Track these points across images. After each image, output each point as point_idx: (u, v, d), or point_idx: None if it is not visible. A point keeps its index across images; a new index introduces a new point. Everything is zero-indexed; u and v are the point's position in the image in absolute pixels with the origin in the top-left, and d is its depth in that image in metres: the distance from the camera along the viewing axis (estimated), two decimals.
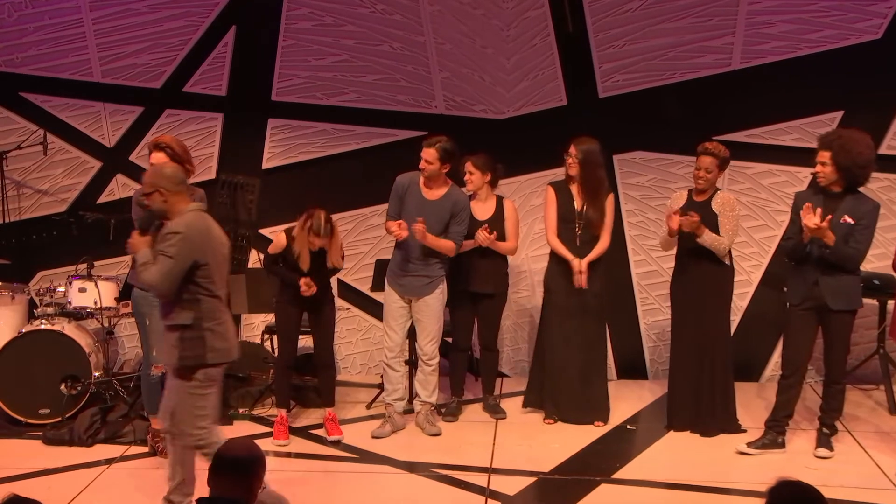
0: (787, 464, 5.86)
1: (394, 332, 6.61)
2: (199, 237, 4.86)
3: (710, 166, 6.29)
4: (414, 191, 6.50)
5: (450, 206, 6.45)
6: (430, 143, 6.42)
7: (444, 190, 6.49)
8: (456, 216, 6.46)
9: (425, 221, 6.34)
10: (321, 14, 7.73)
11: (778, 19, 7.39)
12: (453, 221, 6.46)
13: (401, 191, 6.53)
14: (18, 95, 7.94)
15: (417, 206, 6.45)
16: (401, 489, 5.78)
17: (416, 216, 6.38)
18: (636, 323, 7.79)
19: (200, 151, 7.94)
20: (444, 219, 6.44)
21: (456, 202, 6.47)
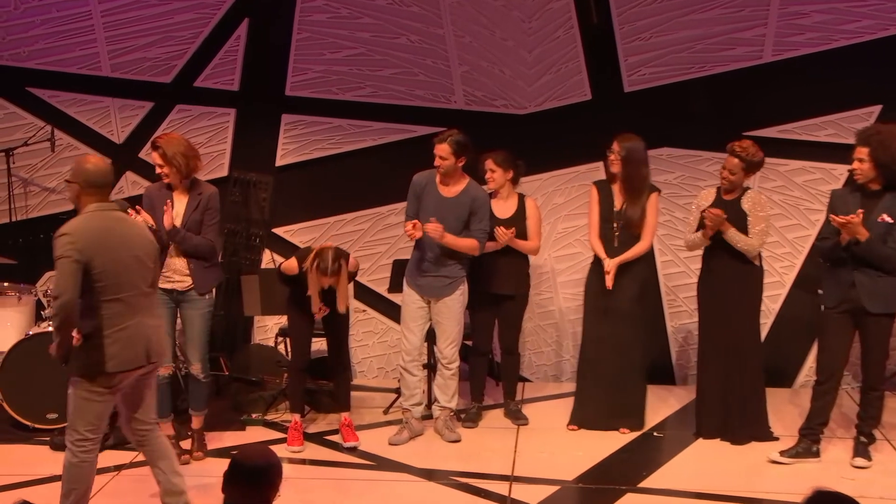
0: (822, 474, 5.81)
1: (412, 335, 6.60)
2: (88, 238, 4.72)
3: (735, 168, 6.25)
4: (431, 189, 6.49)
5: (468, 203, 6.43)
6: (441, 138, 6.42)
7: (462, 186, 6.48)
8: (476, 213, 6.44)
9: (444, 220, 6.33)
10: (337, 6, 7.74)
11: (812, 9, 7.35)
12: (474, 219, 6.44)
13: (418, 190, 6.52)
14: (25, 90, 7.97)
15: (435, 205, 6.44)
16: (419, 498, 5.78)
17: (434, 215, 6.36)
18: (663, 326, 7.76)
19: (212, 148, 7.97)
20: (464, 216, 6.43)
21: (475, 198, 6.45)
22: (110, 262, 4.75)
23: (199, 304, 6.24)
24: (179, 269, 6.16)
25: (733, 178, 6.28)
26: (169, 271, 6.15)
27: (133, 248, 4.88)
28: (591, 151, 7.27)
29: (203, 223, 6.20)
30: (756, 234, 6.26)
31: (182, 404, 6.62)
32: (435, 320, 6.58)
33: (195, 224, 6.17)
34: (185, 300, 6.22)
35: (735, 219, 6.26)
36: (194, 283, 6.18)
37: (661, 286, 7.72)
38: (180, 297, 6.21)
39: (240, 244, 7.95)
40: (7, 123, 7.99)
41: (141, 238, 4.98)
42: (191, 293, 6.20)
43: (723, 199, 6.36)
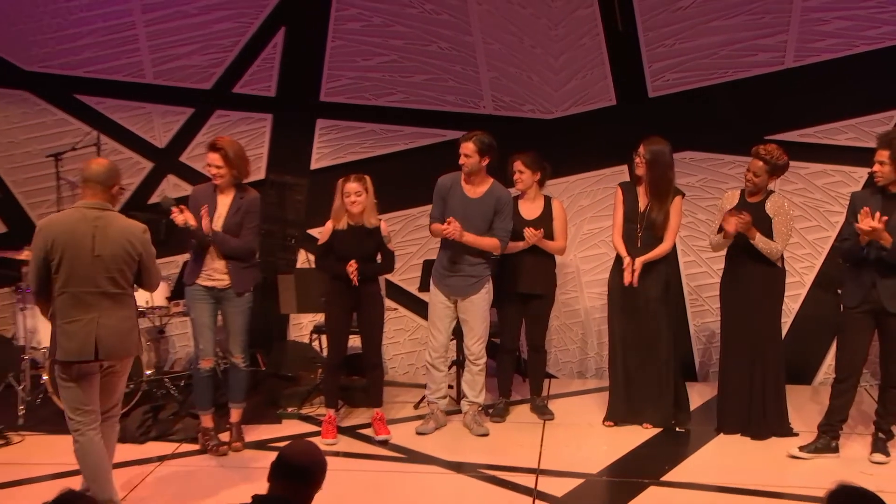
0: (841, 469, 5.77)
1: (439, 333, 6.63)
2: (51, 231, 4.89)
3: (759, 171, 6.22)
4: (456, 190, 6.51)
5: (493, 203, 6.44)
6: (466, 137, 6.45)
7: (486, 187, 6.49)
8: (500, 212, 6.45)
9: (470, 220, 6.36)
10: (370, 14, 7.77)
11: (833, 16, 7.30)
12: (497, 218, 6.45)
13: (443, 192, 6.54)
14: (73, 97, 8.04)
15: (461, 206, 6.46)
16: (448, 489, 5.79)
17: (459, 216, 6.38)
18: (686, 325, 7.73)
19: (250, 152, 7.85)
20: (489, 216, 6.44)
21: (499, 198, 6.46)
22: (67, 258, 4.88)
23: (238, 301, 6.29)
24: (219, 268, 6.21)
25: (757, 181, 6.25)
26: (210, 270, 6.20)
27: (99, 247, 4.92)
28: (616, 155, 7.28)
29: (242, 226, 6.24)
30: (780, 238, 6.24)
31: (221, 398, 6.67)
32: (462, 318, 6.59)
33: (234, 226, 6.20)
34: (226, 298, 6.26)
35: (759, 221, 6.22)
36: (232, 282, 6.23)
37: (683, 286, 7.70)
38: (221, 295, 6.25)
39: (276, 245, 8.00)
40: (56, 129, 8.06)
41: (114, 241, 4.96)
42: (229, 291, 6.25)
43: (747, 202, 6.34)
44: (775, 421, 6.41)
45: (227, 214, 6.20)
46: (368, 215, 6.40)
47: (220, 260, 6.20)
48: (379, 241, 6.43)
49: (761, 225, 6.23)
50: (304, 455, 3.57)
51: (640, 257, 6.46)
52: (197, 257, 6.22)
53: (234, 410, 6.47)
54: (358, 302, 6.46)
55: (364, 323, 6.57)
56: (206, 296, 6.22)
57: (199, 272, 6.22)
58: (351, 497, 5.62)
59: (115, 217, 5.08)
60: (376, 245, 6.42)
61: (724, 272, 6.54)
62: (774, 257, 6.26)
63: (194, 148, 7.88)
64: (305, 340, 7.84)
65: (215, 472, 6.02)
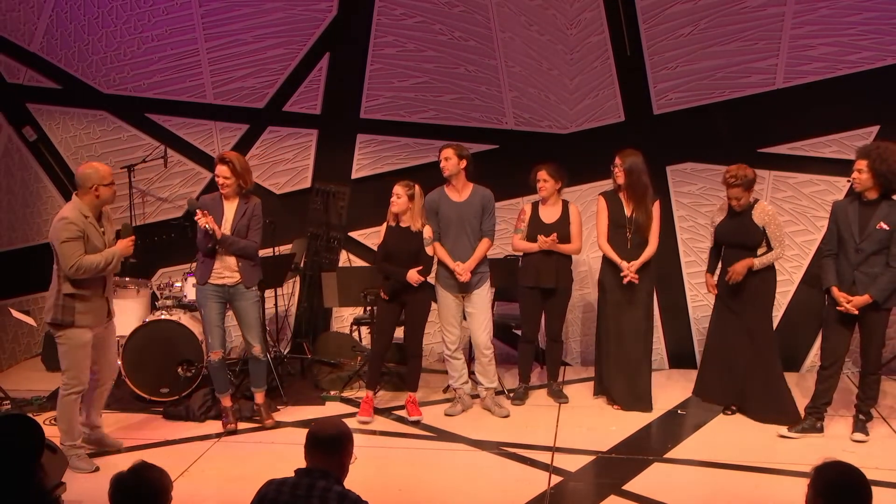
0: (826, 447, 5.79)
1: (452, 328, 6.65)
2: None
3: (738, 194, 6.17)
4: (445, 200, 6.56)
5: (479, 201, 6.50)
6: (446, 145, 6.55)
7: (470, 189, 6.54)
8: (486, 210, 6.52)
9: (465, 220, 6.46)
10: (404, 41, 7.81)
11: (819, 42, 7.27)
12: (484, 216, 6.51)
13: (434, 206, 6.56)
14: (144, 116, 8.12)
15: (454, 211, 6.51)
16: (473, 464, 5.83)
17: (454, 220, 6.47)
18: (686, 317, 7.73)
19: (298, 163, 8.08)
20: (479, 213, 6.50)
21: (485, 197, 6.54)
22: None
23: (249, 295, 6.33)
24: (230, 266, 6.24)
25: (741, 201, 6.20)
26: (220, 269, 6.23)
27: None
28: None
29: (249, 227, 6.29)
30: (777, 244, 6.20)
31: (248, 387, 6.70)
32: (468, 311, 6.61)
33: (242, 228, 6.25)
34: (237, 293, 6.29)
35: (749, 231, 6.21)
36: (243, 278, 6.27)
37: (684, 282, 7.71)
38: (231, 292, 6.27)
39: (320, 246, 8.05)
40: (129, 144, 8.13)
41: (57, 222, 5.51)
42: (240, 287, 6.27)
43: (734, 213, 6.29)
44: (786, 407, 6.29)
45: (234, 219, 6.24)
46: (413, 219, 6.41)
47: (231, 258, 6.22)
48: (420, 245, 6.42)
49: (752, 234, 6.20)
50: (330, 428, 3.59)
51: (636, 261, 6.48)
52: (207, 259, 6.24)
53: (258, 394, 6.52)
54: (406, 299, 6.48)
55: (410, 318, 6.58)
56: (216, 294, 6.25)
57: (210, 272, 6.24)
58: (389, 469, 5.68)
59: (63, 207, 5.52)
60: (417, 247, 6.42)
61: (721, 270, 6.50)
62: (778, 259, 6.26)
63: (249, 160, 7.86)
64: (346, 331, 7.88)
65: (265, 448, 6.10)
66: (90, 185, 5.51)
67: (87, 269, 5.49)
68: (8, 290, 7.75)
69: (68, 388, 5.63)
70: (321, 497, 3.36)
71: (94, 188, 5.51)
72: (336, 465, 3.50)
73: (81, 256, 5.46)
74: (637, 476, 5.52)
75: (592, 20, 7.57)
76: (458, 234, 6.51)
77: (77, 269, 5.45)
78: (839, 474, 3.12)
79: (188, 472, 5.66)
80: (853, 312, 5.81)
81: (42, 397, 6.78)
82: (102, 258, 5.55)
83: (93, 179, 5.51)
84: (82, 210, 5.51)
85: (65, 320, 5.54)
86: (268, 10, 7.89)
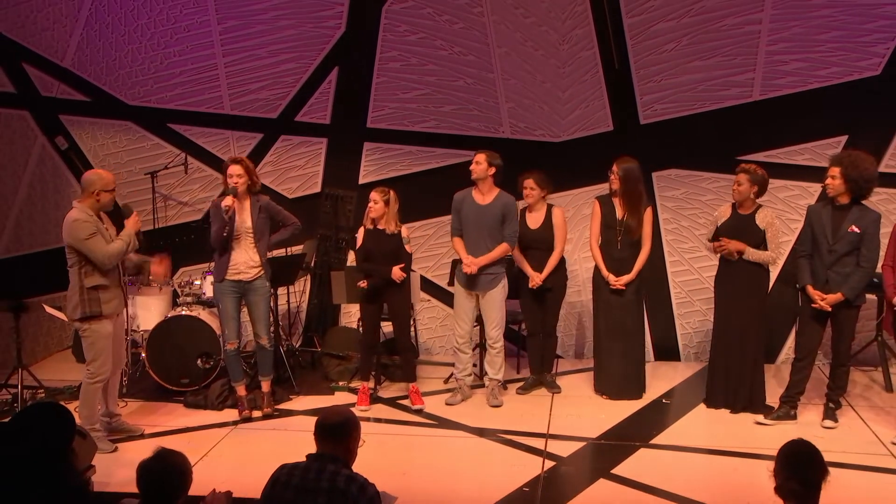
0: (799, 432, 5.72)
1: (463, 323, 6.64)
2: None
3: (742, 180, 6.15)
4: (469, 201, 6.55)
5: (500, 207, 6.46)
6: (481, 151, 6.52)
7: (494, 194, 6.50)
8: (506, 216, 6.47)
9: (483, 223, 6.42)
10: (408, 56, 7.82)
11: (792, 58, 7.28)
12: (505, 222, 6.47)
13: (458, 205, 6.58)
14: (166, 126, 8.14)
15: (474, 212, 6.49)
16: (472, 450, 5.84)
17: (473, 222, 6.44)
18: (671, 313, 7.75)
19: (308, 170, 8.09)
20: (499, 218, 6.45)
21: (505, 204, 6.48)
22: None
23: (262, 290, 6.36)
24: (246, 261, 6.25)
25: (740, 189, 6.16)
26: (236, 265, 6.25)
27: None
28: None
29: (280, 215, 6.40)
30: (773, 248, 6.18)
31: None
32: (482, 309, 6.59)
33: (264, 223, 6.29)
34: (251, 288, 6.30)
35: (750, 232, 6.17)
36: (265, 272, 6.32)
37: (669, 282, 7.72)
38: (247, 287, 6.29)
39: (330, 246, 8.05)
40: (152, 152, 8.16)
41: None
42: (256, 282, 6.29)
43: (738, 214, 6.26)
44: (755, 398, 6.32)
45: (252, 217, 6.26)
46: (387, 222, 6.43)
47: (248, 253, 6.25)
48: (399, 245, 6.45)
49: (752, 234, 6.17)
50: (336, 415, 3.61)
51: (628, 276, 6.49)
52: (223, 257, 6.26)
53: (264, 382, 6.53)
54: (387, 296, 6.49)
55: (393, 313, 6.59)
56: (233, 290, 6.27)
57: (227, 269, 6.26)
58: (393, 454, 5.70)
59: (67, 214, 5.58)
60: (396, 247, 6.44)
61: (718, 271, 6.46)
62: (770, 264, 6.24)
63: (263, 166, 7.97)
64: (354, 326, 7.90)
65: (278, 435, 6.11)
66: (93, 190, 5.54)
67: (117, 254, 5.58)
68: (42, 287, 7.78)
69: (93, 376, 5.66)
70: (330, 480, 3.38)
71: (96, 193, 5.55)
72: (344, 450, 3.52)
73: (107, 246, 5.52)
74: (624, 461, 5.54)
75: (583, 36, 7.58)
76: (476, 235, 6.48)
77: (109, 258, 5.53)
78: (793, 446, 3.34)
79: (207, 456, 5.69)
80: (827, 309, 5.82)
81: (73, 387, 6.80)
82: (123, 241, 5.63)
83: (96, 185, 5.55)
84: (86, 211, 5.55)
85: (93, 312, 5.58)
86: (281, 27, 7.91)
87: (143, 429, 6.13)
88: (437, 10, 7.72)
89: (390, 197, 6.44)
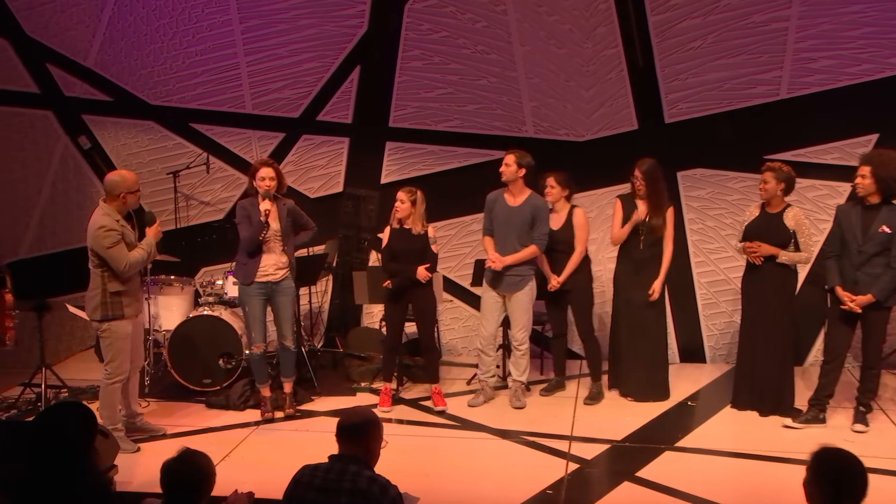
0: (828, 437, 5.72)
1: (489, 324, 6.62)
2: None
3: (768, 178, 6.12)
4: (500, 202, 6.53)
5: (530, 210, 6.43)
6: (511, 150, 6.51)
7: (525, 196, 6.48)
8: (537, 219, 6.44)
9: (513, 224, 6.40)
10: (430, 55, 7.83)
11: (821, 55, 7.22)
12: (535, 224, 6.44)
13: (490, 205, 6.57)
14: (188, 125, 8.18)
15: (504, 213, 6.48)
16: (495, 452, 5.84)
17: (503, 223, 6.43)
18: (696, 315, 7.70)
19: (330, 169, 8.10)
20: (528, 220, 6.42)
21: (535, 206, 6.46)
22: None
23: (289, 290, 6.39)
24: (275, 262, 6.29)
25: (767, 187, 6.12)
26: (265, 267, 6.27)
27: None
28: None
29: (303, 219, 6.46)
30: (805, 248, 6.12)
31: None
32: (509, 310, 6.57)
33: (290, 225, 6.34)
34: (279, 289, 6.33)
35: (778, 231, 6.12)
36: (293, 273, 6.37)
37: (694, 283, 7.67)
38: (274, 288, 6.31)
39: (352, 246, 8.07)
40: (174, 151, 8.20)
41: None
42: (283, 283, 6.32)
43: (766, 213, 6.21)
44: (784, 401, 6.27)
45: (280, 219, 6.30)
46: (414, 222, 6.44)
47: (283, 257, 6.30)
48: (424, 245, 6.45)
49: (780, 233, 6.11)
50: (357, 417, 3.61)
51: (658, 279, 6.46)
52: (251, 260, 6.27)
53: (286, 383, 6.55)
54: (412, 296, 6.50)
55: (418, 313, 6.59)
56: (260, 292, 6.28)
57: (256, 271, 6.26)
58: (415, 456, 5.70)
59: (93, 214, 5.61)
60: (422, 247, 6.44)
61: (745, 271, 6.41)
62: (804, 263, 6.21)
63: (285, 166, 7.97)
64: (376, 326, 7.91)
65: (299, 435, 6.14)
66: (118, 193, 5.58)
67: (137, 264, 5.64)
68: (65, 287, 7.85)
69: (112, 377, 5.71)
70: (352, 480, 3.38)
71: (121, 196, 5.59)
72: (365, 451, 3.53)
73: (128, 256, 5.56)
74: (649, 464, 5.51)
75: (607, 34, 7.56)
76: (505, 236, 6.47)
77: (129, 268, 5.59)
78: (836, 460, 3.11)
79: (229, 457, 5.72)
80: (856, 311, 5.76)
81: (95, 386, 6.82)
82: (144, 251, 5.68)
83: (121, 187, 5.59)
84: (112, 214, 5.58)
85: (115, 314, 5.63)
86: (302, 26, 7.93)
87: (165, 429, 6.17)
88: (459, 8, 7.72)
89: (417, 197, 6.44)
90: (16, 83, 8.24)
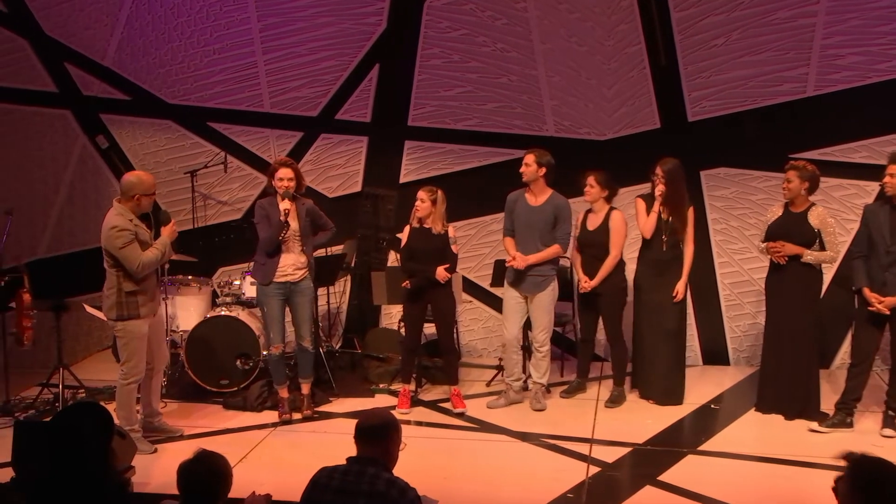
0: (855, 441, 5.67)
1: (512, 325, 6.58)
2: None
3: (791, 177, 6.07)
4: (521, 202, 6.51)
5: (552, 210, 6.40)
6: (530, 150, 6.48)
7: (546, 196, 6.45)
8: (559, 218, 6.41)
9: (534, 224, 6.37)
10: (450, 52, 7.82)
11: (848, 52, 7.15)
12: (557, 224, 6.42)
13: (511, 205, 6.55)
14: (206, 124, 8.21)
15: (525, 213, 6.46)
16: (515, 455, 5.82)
17: (524, 223, 6.41)
18: (720, 316, 7.64)
19: (349, 168, 8.11)
20: (550, 220, 6.40)
21: (557, 206, 6.43)
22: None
23: (308, 291, 6.40)
24: (294, 262, 6.29)
25: (790, 186, 6.07)
26: (284, 267, 6.27)
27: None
28: None
29: (322, 219, 6.46)
30: (831, 248, 6.07)
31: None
32: (531, 311, 6.54)
33: (309, 225, 6.34)
34: (297, 290, 6.33)
35: (802, 230, 6.06)
36: (311, 273, 6.37)
37: (718, 283, 7.62)
38: (293, 288, 6.31)
39: (370, 246, 8.08)
40: (192, 151, 8.24)
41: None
42: (302, 283, 6.32)
43: (790, 212, 6.16)
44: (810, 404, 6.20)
45: (299, 218, 6.31)
46: (434, 221, 6.42)
47: (303, 257, 6.30)
48: (444, 244, 6.43)
49: (804, 233, 6.06)
50: (376, 418, 3.61)
51: (682, 281, 6.43)
52: (270, 260, 6.27)
53: (304, 384, 6.55)
54: (432, 296, 6.49)
55: (437, 314, 6.57)
56: (279, 292, 6.28)
57: (275, 271, 6.26)
58: (434, 458, 5.68)
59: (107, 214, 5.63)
60: (442, 247, 6.42)
61: (769, 272, 6.35)
62: (830, 263, 6.17)
63: (303, 165, 7.97)
64: (394, 327, 7.90)
65: (317, 437, 6.14)
66: (133, 194, 5.59)
67: (150, 264, 5.65)
68: (82, 287, 7.90)
69: (128, 377, 5.73)
70: (370, 483, 3.38)
71: (136, 197, 5.60)
72: (384, 453, 3.53)
73: (141, 256, 5.58)
74: (672, 467, 5.48)
75: (629, 32, 7.52)
76: (526, 236, 6.45)
77: (142, 268, 5.59)
78: (875, 469, 3.01)
79: (246, 458, 5.72)
80: (885, 312, 5.70)
81: (113, 387, 6.87)
82: (158, 251, 5.68)
83: (136, 189, 5.60)
84: (125, 214, 5.60)
85: (130, 314, 5.65)
86: (321, 24, 7.95)
87: (182, 430, 6.18)
88: (479, 5, 7.71)
89: (438, 196, 6.43)
90: (34, 82, 8.31)
